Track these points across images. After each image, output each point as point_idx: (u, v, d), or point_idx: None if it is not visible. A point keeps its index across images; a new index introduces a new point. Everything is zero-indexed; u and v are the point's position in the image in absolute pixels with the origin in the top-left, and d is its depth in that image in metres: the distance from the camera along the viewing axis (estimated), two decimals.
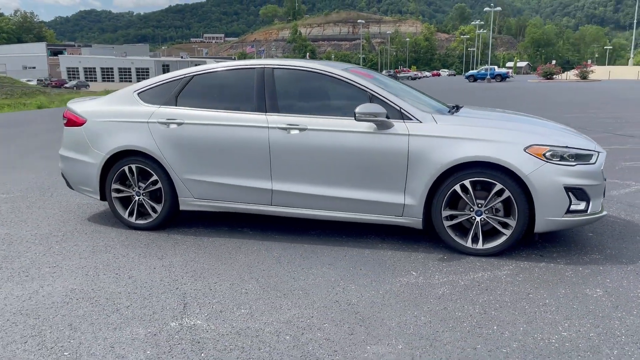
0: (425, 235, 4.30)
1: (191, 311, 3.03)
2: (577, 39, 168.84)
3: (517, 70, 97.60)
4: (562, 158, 3.69)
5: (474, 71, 60.33)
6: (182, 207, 4.49)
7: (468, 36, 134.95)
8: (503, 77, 56.13)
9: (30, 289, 3.37)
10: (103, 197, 4.71)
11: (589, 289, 3.26)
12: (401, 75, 76.10)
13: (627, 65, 74.18)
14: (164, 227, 4.61)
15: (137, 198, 4.57)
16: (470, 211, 3.85)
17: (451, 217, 3.90)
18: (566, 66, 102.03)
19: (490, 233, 3.90)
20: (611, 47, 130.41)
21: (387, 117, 3.90)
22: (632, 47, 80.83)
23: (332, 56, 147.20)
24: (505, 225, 3.81)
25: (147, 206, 4.56)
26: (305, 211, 4.19)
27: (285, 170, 4.11)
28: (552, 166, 3.65)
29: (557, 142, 3.77)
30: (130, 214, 4.61)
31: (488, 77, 55.50)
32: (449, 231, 3.90)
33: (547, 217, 3.68)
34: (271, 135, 4.10)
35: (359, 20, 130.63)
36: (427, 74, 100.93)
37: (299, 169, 4.08)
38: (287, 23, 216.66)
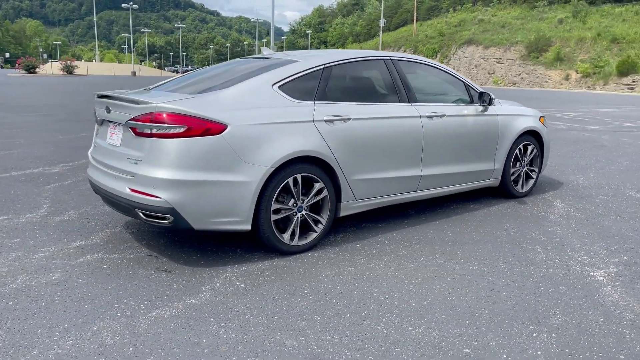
0: (474, 194, 5.59)
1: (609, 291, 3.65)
2: (17, 31, 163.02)
3: None
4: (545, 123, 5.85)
5: None
6: (342, 213, 4.13)
7: None
8: None
9: None
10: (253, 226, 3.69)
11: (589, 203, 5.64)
12: None
13: (95, 61, 78.73)
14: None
15: (298, 215, 3.86)
16: (520, 166, 5.51)
17: (512, 174, 5.45)
18: (11, 60, 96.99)
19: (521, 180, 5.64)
20: (60, 42, 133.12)
21: None
22: (96, 45, 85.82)
23: None
24: (532, 172, 5.67)
25: (310, 221, 3.93)
26: (436, 190, 4.77)
27: (430, 156, 4.57)
28: (546, 129, 5.77)
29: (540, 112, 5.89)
30: (291, 237, 3.85)
31: None
32: (512, 183, 5.45)
33: (546, 163, 5.79)
34: (423, 124, 4.48)
35: None
36: None
37: (438, 152, 4.63)
38: None
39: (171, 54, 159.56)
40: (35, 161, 7.10)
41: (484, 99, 4.85)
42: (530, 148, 5.47)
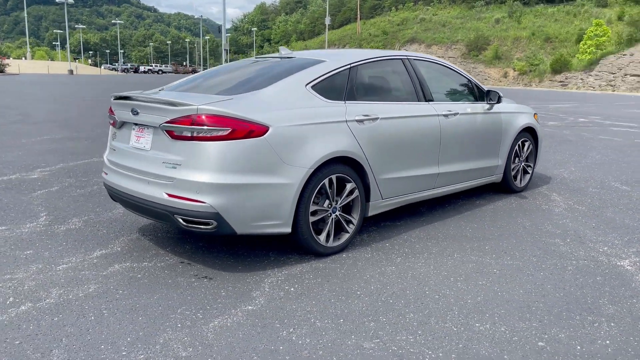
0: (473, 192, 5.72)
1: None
2: None
3: None
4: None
5: None
6: (370, 213, 4.16)
7: None
8: None
9: None
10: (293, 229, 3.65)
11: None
12: None
13: (25, 58, 74.84)
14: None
15: (332, 216, 3.85)
16: (518, 162, 5.71)
17: (512, 169, 5.63)
18: None
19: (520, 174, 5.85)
20: None
21: None
22: (27, 42, 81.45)
23: None
24: (528, 167, 5.88)
25: (343, 222, 3.92)
26: (450, 187, 4.87)
27: (446, 153, 4.65)
28: (539, 125, 6.00)
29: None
30: (326, 238, 3.84)
31: None
32: (513, 179, 5.64)
33: (539, 159, 6.03)
34: (440, 122, 4.57)
35: None
36: None
37: (453, 150, 4.73)
38: None
39: (107, 51, 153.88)
40: (8, 167, 6.70)
41: (491, 97, 4.98)
42: (527, 144, 5.67)
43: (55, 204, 5.04)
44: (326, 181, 3.62)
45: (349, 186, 3.79)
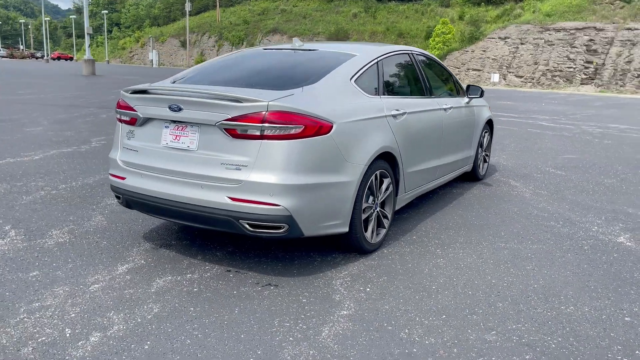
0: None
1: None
2: None
3: None
4: None
5: None
6: (397, 207, 4.24)
7: None
8: None
9: None
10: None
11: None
12: None
13: None
14: None
15: (375, 212, 3.86)
16: (481, 152, 6.14)
17: (477, 158, 6.04)
18: None
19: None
20: None
21: None
22: None
23: None
24: (487, 156, 6.34)
25: (382, 218, 3.95)
26: (443, 179, 5.10)
27: (445, 146, 4.85)
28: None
29: None
30: (371, 235, 3.84)
31: None
32: (478, 167, 6.05)
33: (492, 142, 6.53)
34: (442, 116, 4.78)
35: None
36: None
37: (448, 142, 4.92)
38: None
39: None
40: None
41: (472, 92, 5.26)
42: (486, 135, 6.09)
43: (11, 214, 4.33)
44: (373, 177, 3.57)
45: (386, 181, 3.78)
